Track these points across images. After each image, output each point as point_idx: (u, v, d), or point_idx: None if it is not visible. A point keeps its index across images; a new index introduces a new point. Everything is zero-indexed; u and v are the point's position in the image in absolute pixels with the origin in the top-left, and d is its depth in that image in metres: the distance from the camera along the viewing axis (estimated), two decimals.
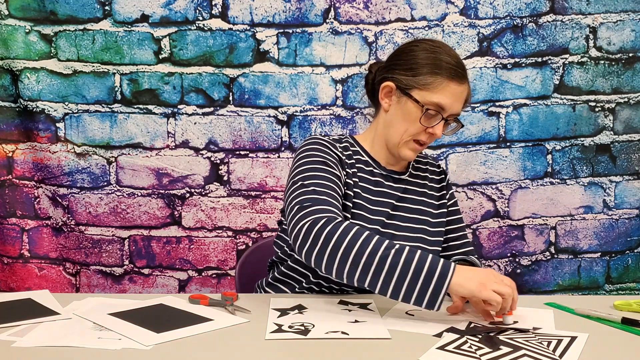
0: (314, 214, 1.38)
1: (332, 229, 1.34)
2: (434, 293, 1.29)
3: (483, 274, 1.32)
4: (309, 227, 1.36)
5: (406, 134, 1.55)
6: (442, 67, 1.51)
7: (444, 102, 1.51)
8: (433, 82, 1.51)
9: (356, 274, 1.33)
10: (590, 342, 1.23)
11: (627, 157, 2.25)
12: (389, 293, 1.31)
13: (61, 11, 2.16)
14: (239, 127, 2.20)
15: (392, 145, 1.59)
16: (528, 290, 2.26)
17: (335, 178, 1.51)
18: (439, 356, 1.15)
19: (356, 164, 1.61)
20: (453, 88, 1.51)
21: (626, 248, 2.28)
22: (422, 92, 1.51)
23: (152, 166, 2.22)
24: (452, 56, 1.54)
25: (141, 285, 2.26)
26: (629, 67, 2.21)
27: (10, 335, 1.26)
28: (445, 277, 1.29)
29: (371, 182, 1.61)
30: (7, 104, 2.20)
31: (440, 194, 1.70)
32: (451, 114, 1.54)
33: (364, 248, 1.32)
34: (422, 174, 1.70)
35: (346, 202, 1.55)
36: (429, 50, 1.55)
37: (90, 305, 1.45)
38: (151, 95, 2.19)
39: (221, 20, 2.17)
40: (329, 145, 1.57)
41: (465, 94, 1.55)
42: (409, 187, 1.65)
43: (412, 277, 1.30)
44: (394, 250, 1.32)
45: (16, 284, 2.25)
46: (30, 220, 2.24)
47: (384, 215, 1.58)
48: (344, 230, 1.34)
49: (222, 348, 1.22)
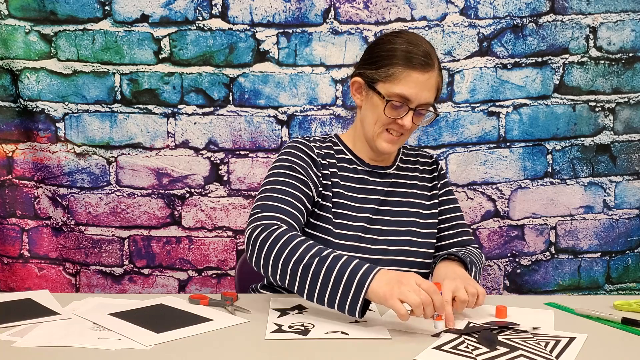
0: (256, 221, 1.41)
1: (266, 237, 1.36)
2: (353, 300, 1.25)
3: (397, 280, 1.23)
4: (249, 234, 1.40)
5: (377, 127, 1.55)
6: (402, 58, 1.50)
7: (407, 92, 1.50)
8: (394, 73, 1.50)
9: (286, 281, 1.34)
10: (590, 342, 1.23)
11: (627, 157, 2.25)
12: (316, 300, 1.31)
13: (61, 11, 2.16)
14: (239, 127, 2.20)
15: (369, 140, 1.59)
16: (528, 290, 2.26)
17: (300, 184, 1.51)
18: (435, 356, 1.15)
19: (338, 163, 1.62)
20: (415, 77, 1.49)
21: (626, 248, 2.28)
22: (385, 84, 1.51)
23: (152, 166, 2.22)
24: (416, 45, 1.52)
25: (141, 285, 2.26)
26: (629, 67, 2.21)
27: (10, 335, 1.26)
28: (364, 284, 1.24)
29: (355, 180, 1.61)
30: (7, 104, 2.20)
31: (432, 184, 1.68)
32: (420, 104, 1.52)
33: (291, 256, 1.33)
34: (412, 166, 1.69)
35: (325, 202, 1.55)
36: (391, 42, 1.55)
37: (90, 305, 1.45)
38: (151, 95, 2.19)
39: (221, 20, 2.17)
40: (305, 149, 1.58)
41: (432, 82, 1.52)
42: (397, 181, 1.64)
43: (333, 284, 1.28)
44: (318, 258, 1.30)
45: (16, 284, 2.25)
46: (30, 220, 2.24)
47: (370, 211, 1.58)
48: (275, 237, 1.35)
49: (222, 348, 1.22)
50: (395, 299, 1.21)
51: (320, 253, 1.31)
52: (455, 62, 2.18)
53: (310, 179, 1.54)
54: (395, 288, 1.22)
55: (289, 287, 1.34)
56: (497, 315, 1.37)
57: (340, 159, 1.63)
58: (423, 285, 1.22)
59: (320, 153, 1.60)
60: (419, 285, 1.22)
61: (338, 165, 1.61)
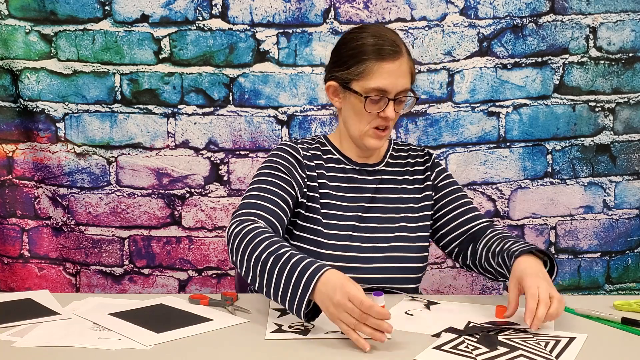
0: (234, 218, 1.45)
1: (238, 232, 1.39)
2: (299, 302, 1.25)
3: (332, 303, 1.20)
4: (227, 231, 1.44)
5: (362, 125, 1.55)
6: (371, 52, 1.51)
7: (383, 84, 1.50)
8: (365, 69, 1.50)
9: (249, 277, 1.36)
10: (590, 342, 1.23)
11: (627, 157, 2.25)
12: (272, 298, 1.31)
13: (61, 11, 2.16)
14: (239, 127, 2.20)
15: (356, 140, 1.59)
16: None
17: (283, 183, 1.52)
18: (435, 356, 1.15)
19: (327, 164, 1.62)
20: (387, 68, 1.50)
21: (626, 248, 2.28)
22: (360, 81, 1.51)
23: (152, 166, 2.22)
24: (381, 36, 1.52)
25: (141, 285, 2.26)
26: (629, 67, 2.21)
27: (10, 335, 1.26)
28: (308, 289, 1.24)
29: (343, 180, 1.61)
30: (7, 104, 2.20)
31: (424, 176, 1.66)
32: (398, 92, 1.52)
33: (253, 252, 1.34)
34: (403, 161, 1.67)
35: (313, 203, 1.56)
36: (356, 39, 1.55)
37: (90, 305, 1.45)
38: (151, 95, 2.19)
39: (221, 20, 2.17)
40: (291, 151, 1.59)
41: (403, 68, 1.51)
42: (386, 177, 1.64)
43: (284, 285, 1.28)
44: (275, 255, 1.31)
45: (16, 284, 2.24)
46: (30, 220, 2.24)
47: (361, 209, 1.58)
48: (245, 232, 1.38)
49: (222, 348, 1.22)
50: (339, 323, 1.21)
51: (278, 250, 1.32)
52: (455, 62, 2.18)
53: (294, 179, 1.55)
54: (333, 311, 1.20)
55: (251, 284, 1.36)
56: (497, 315, 1.37)
57: (328, 159, 1.63)
58: (355, 301, 1.18)
59: (307, 155, 1.60)
60: (351, 300, 1.18)
61: (326, 165, 1.62)
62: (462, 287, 2.25)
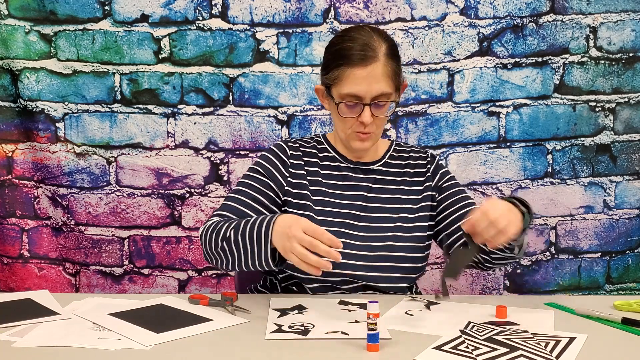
0: (202, 226, 1.52)
1: (204, 230, 1.49)
2: (264, 254, 1.37)
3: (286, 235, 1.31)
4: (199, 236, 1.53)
5: (345, 129, 1.57)
6: (341, 58, 1.52)
7: (354, 90, 1.50)
8: (339, 74, 1.52)
9: (220, 262, 1.47)
10: (590, 342, 1.23)
11: (627, 157, 2.25)
12: (244, 267, 1.43)
13: (61, 11, 2.16)
14: (239, 127, 2.20)
15: (343, 141, 1.62)
16: (528, 291, 2.26)
17: (259, 186, 1.58)
18: (435, 356, 1.15)
19: (322, 162, 1.64)
20: (357, 73, 1.49)
21: (626, 248, 2.28)
22: (335, 87, 1.53)
23: (152, 166, 2.22)
24: (355, 40, 1.52)
25: (141, 285, 2.26)
26: (629, 67, 2.21)
27: (10, 335, 1.26)
28: (268, 234, 1.35)
29: (338, 177, 1.63)
30: (6, 104, 2.20)
31: (425, 178, 1.65)
32: (375, 97, 1.51)
33: (217, 237, 1.44)
34: (403, 162, 1.67)
35: (304, 201, 1.58)
36: (335, 43, 1.57)
37: (90, 306, 1.45)
38: (151, 95, 2.19)
39: (221, 20, 2.17)
40: (278, 152, 1.63)
41: (377, 72, 1.50)
42: (382, 177, 1.64)
43: (249, 244, 1.39)
44: (234, 229, 1.42)
45: (16, 284, 2.24)
46: (30, 220, 2.24)
47: (356, 207, 1.59)
48: (208, 228, 1.48)
49: (222, 348, 1.22)
50: (290, 255, 1.31)
51: (238, 223, 1.42)
52: (455, 62, 2.18)
53: (273, 180, 1.59)
54: (286, 243, 1.31)
55: (226, 268, 1.47)
56: (497, 315, 1.37)
57: (324, 157, 1.65)
58: (309, 231, 1.29)
59: (296, 154, 1.63)
60: (305, 231, 1.29)
61: (321, 163, 1.64)
62: (462, 287, 2.25)
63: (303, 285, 1.55)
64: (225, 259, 1.45)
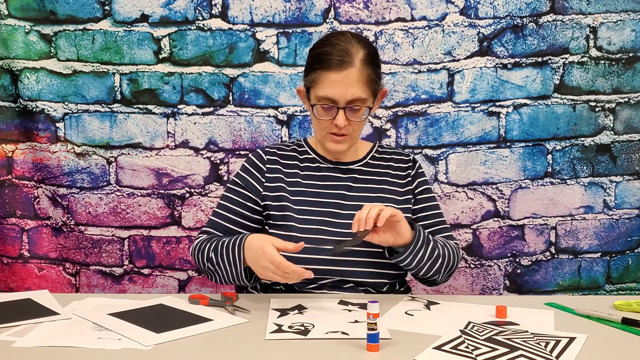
0: (195, 239, 1.65)
1: (193, 250, 1.63)
2: (240, 274, 1.51)
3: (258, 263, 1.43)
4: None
5: (320, 130, 1.62)
6: (319, 62, 1.56)
7: (328, 93, 1.55)
8: (315, 78, 1.57)
9: (213, 278, 1.59)
10: (590, 342, 1.23)
11: (627, 157, 2.25)
12: (229, 282, 1.57)
13: (61, 11, 2.16)
14: (239, 127, 2.20)
15: (320, 142, 1.67)
16: (528, 291, 2.26)
17: (239, 199, 1.66)
18: (435, 356, 1.15)
19: (302, 164, 1.69)
20: (333, 78, 1.54)
21: (626, 248, 2.28)
22: (312, 89, 1.59)
23: (152, 166, 2.22)
24: (333, 45, 1.56)
25: (141, 285, 2.26)
26: (629, 67, 2.21)
27: (10, 335, 1.26)
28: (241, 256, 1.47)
29: (317, 177, 1.67)
30: (6, 104, 2.20)
31: (405, 181, 1.69)
32: (349, 101, 1.55)
33: (203, 257, 1.57)
34: (385, 163, 1.72)
35: (284, 202, 1.63)
36: (315, 48, 1.63)
37: (90, 306, 1.45)
38: (151, 95, 2.19)
39: (221, 20, 2.17)
40: (255, 160, 1.69)
41: (352, 78, 1.54)
42: (362, 177, 1.68)
43: (228, 266, 1.52)
44: (213, 251, 1.55)
45: (16, 284, 2.24)
46: (30, 220, 2.24)
47: (335, 206, 1.63)
48: (197, 248, 1.60)
49: (222, 348, 1.22)
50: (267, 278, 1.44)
51: (217, 243, 1.54)
52: (455, 62, 2.18)
53: (251, 189, 1.66)
54: (261, 272, 1.43)
55: (216, 281, 1.60)
56: (497, 315, 1.37)
57: (304, 159, 1.70)
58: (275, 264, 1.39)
59: (272, 159, 1.69)
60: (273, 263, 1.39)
61: (301, 165, 1.69)
62: (462, 287, 2.25)
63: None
64: (213, 276, 1.59)
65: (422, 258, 1.54)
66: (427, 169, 2.20)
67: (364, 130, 2.18)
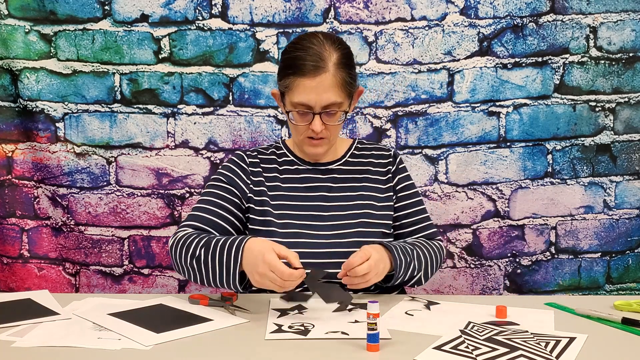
0: (173, 235, 1.56)
1: (173, 243, 1.52)
2: (233, 276, 1.42)
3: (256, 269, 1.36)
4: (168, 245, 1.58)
5: (297, 134, 1.61)
6: (292, 67, 1.54)
7: (303, 99, 1.53)
8: (290, 83, 1.55)
9: (191, 276, 1.51)
10: (590, 342, 1.23)
11: (627, 157, 2.25)
12: (213, 284, 1.47)
13: (61, 11, 2.15)
14: (239, 127, 2.20)
15: (299, 146, 1.66)
16: (528, 291, 2.26)
17: (224, 193, 1.61)
18: (435, 356, 1.15)
19: (281, 166, 1.68)
20: (307, 84, 1.52)
21: (626, 248, 2.28)
22: (287, 94, 1.57)
23: (151, 166, 2.22)
24: (306, 50, 1.54)
25: (141, 285, 2.26)
26: (629, 67, 2.21)
27: (10, 335, 1.26)
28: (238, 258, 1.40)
29: (297, 180, 1.66)
30: (6, 104, 2.20)
31: (386, 178, 1.69)
32: (325, 106, 1.54)
33: (187, 254, 1.48)
34: (365, 160, 1.71)
35: (264, 207, 1.61)
36: (287, 51, 1.60)
37: (90, 306, 1.45)
38: (151, 95, 2.19)
39: (221, 20, 2.17)
40: (238, 161, 1.67)
41: (327, 83, 1.52)
42: (342, 176, 1.67)
43: (219, 266, 1.43)
44: (205, 247, 1.46)
45: (16, 284, 2.24)
46: (30, 220, 2.24)
47: (317, 208, 1.62)
48: (177, 242, 1.51)
49: (222, 348, 1.22)
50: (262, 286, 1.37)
51: (208, 241, 1.46)
52: (455, 62, 2.18)
53: (236, 187, 1.63)
54: (258, 279, 1.36)
55: (195, 281, 1.51)
56: (497, 315, 1.37)
57: (283, 162, 1.69)
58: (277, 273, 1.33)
59: (254, 162, 1.67)
60: (274, 272, 1.34)
61: (280, 168, 1.68)
62: (462, 287, 2.25)
63: None
64: (194, 274, 1.50)
65: (412, 271, 1.55)
66: (427, 169, 2.20)
67: (364, 131, 2.19)
